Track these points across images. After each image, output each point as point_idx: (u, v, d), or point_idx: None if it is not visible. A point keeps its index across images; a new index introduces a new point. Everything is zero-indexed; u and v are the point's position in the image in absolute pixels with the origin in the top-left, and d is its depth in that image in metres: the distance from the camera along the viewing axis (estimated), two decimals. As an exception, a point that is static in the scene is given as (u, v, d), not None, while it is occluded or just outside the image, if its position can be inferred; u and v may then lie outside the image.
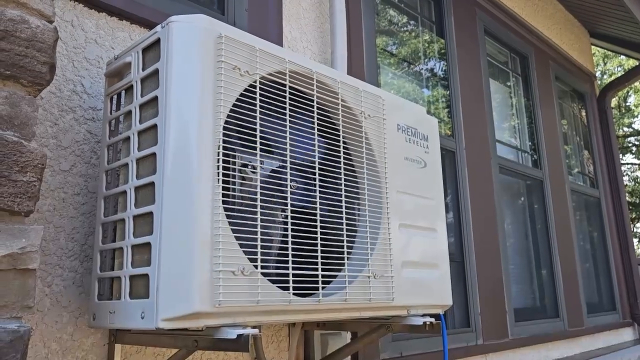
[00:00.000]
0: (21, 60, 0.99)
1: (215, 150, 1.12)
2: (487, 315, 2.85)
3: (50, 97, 1.39)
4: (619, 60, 14.10)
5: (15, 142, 0.96)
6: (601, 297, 4.39)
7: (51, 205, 1.34)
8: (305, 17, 2.24)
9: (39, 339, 1.27)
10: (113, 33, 1.56)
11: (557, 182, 3.94)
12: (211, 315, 1.06)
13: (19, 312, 0.94)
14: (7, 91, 0.97)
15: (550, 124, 4.06)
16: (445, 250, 1.67)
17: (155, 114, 1.16)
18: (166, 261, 1.05)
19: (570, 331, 3.59)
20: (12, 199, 0.94)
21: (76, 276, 1.36)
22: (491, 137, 3.29)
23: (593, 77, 5.03)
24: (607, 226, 4.57)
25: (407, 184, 1.57)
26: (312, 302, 1.24)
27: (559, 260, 3.68)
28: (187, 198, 1.07)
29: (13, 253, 0.93)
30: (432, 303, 1.58)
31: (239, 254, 1.11)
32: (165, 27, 1.17)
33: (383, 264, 1.43)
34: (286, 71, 1.30)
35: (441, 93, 3.15)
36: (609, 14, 4.70)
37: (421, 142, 1.66)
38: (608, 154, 4.85)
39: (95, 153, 1.46)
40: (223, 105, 1.14)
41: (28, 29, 1.00)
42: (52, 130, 1.38)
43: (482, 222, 3.00)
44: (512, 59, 4.00)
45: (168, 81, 1.13)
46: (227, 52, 1.17)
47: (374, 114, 1.52)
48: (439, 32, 3.21)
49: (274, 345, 1.80)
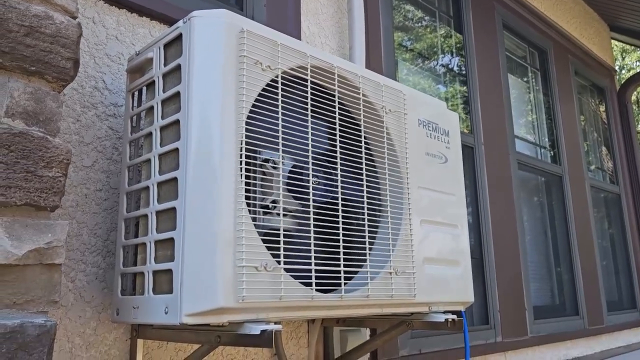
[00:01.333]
0: (46, 56, 0.99)
1: (237, 145, 1.11)
2: (506, 313, 2.83)
3: (72, 93, 1.39)
4: (637, 55, 13.86)
5: (41, 137, 0.96)
6: (621, 295, 4.32)
7: (74, 201, 1.35)
8: (324, 12, 2.23)
9: (63, 333, 1.28)
10: (133, 29, 1.56)
11: (576, 178, 3.88)
12: (234, 311, 1.06)
13: (45, 306, 0.94)
14: (33, 87, 0.98)
15: (570, 120, 4.00)
16: (467, 247, 1.65)
17: (177, 110, 1.16)
18: (189, 257, 1.05)
19: (590, 329, 3.54)
20: (38, 194, 0.94)
21: (99, 271, 1.37)
22: (510, 132, 3.25)
23: (613, 71, 4.94)
24: (628, 223, 4.50)
25: (428, 180, 1.55)
26: (334, 298, 1.23)
27: (578, 257, 3.64)
28: (210, 194, 1.07)
29: (39, 248, 0.93)
30: (454, 300, 1.56)
31: (261, 250, 1.10)
32: (187, 23, 1.16)
33: (405, 260, 1.42)
34: (307, 66, 1.29)
35: (459, 89, 3.12)
36: (629, 7, 4.61)
37: (442, 137, 1.65)
38: (628, 150, 4.77)
39: (117, 149, 1.46)
40: (245, 100, 1.14)
41: (52, 24, 1.01)
42: (74, 127, 1.38)
43: (500, 218, 2.97)
44: (531, 54, 3.95)
45: (190, 76, 1.13)
46: (249, 47, 1.17)
47: (395, 109, 1.50)
48: (457, 27, 3.17)
49: (294, 341, 1.80)
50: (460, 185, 1.68)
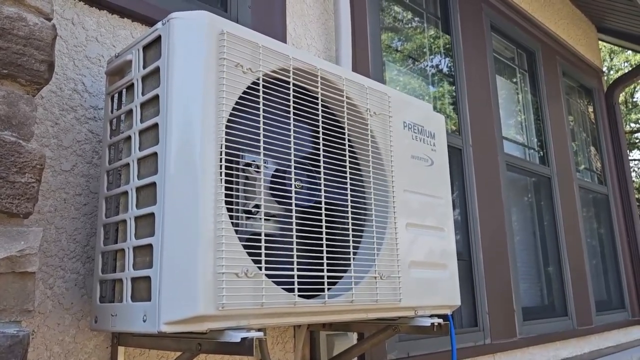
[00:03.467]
0: (19, 59, 0.96)
1: (217, 149, 1.09)
2: (495, 314, 2.82)
3: (51, 96, 1.37)
4: (625, 56, 13.97)
5: (13, 142, 0.93)
6: (610, 295, 4.34)
7: (52, 206, 1.32)
8: (310, 13, 2.22)
9: (41, 341, 1.25)
10: (114, 31, 1.54)
11: (565, 179, 3.89)
12: (214, 318, 1.04)
13: (18, 316, 0.92)
14: (5, 90, 0.95)
15: (558, 120, 4.01)
16: (453, 250, 1.64)
17: (156, 113, 1.13)
18: (168, 263, 1.03)
19: (579, 330, 3.55)
20: (10, 200, 0.92)
21: (78, 278, 1.34)
22: (498, 134, 3.25)
23: (601, 72, 4.97)
24: (616, 223, 4.52)
25: (413, 183, 1.54)
26: (317, 303, 1.21)
27: (567, 258, 3.64)
28: (189, 199, 1.05)
29: (11, 256, 0.91)
30: (440, 303, 1.55)
31: (242, 256, 1.08)
32: (166, 24, 1.14)
33: (390, 264, 1.41)
34: (290, 68, 1.27)
35: (447, 89, 3.11)
36: (616, 9, 4.64)
37: (428, 140, 1.63)
38: (616, 151, 4.79)
39: (97, 153, 1.43)
40: (225, 103, 1.12)
41: (25, 26, 0.98)
42: (53, 130, 1.36)
43: (489, 220, 2.96)
44: (519, 55, 3.96)
45: (169, 79, 1.11)
46: (229, 49, 1.15)
47: (380, 112, 1.49)
48: (444, 28, 3.17)
49: (280, 346, 1.78)
50: (446, 187, 1.66)
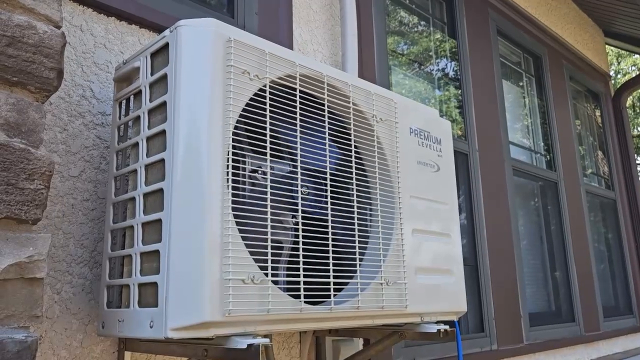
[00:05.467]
0: (28, 67, 0.97)
1: (224, 156, 1.10)
2: (502, 320, 2.81)
3: (59, 102, 1.38)
4: (632, 60, 13.90)
5: (23, 149, 0.94)
6: (618, 300, 4.31)
7: (60, 212, 1.33)
8: (316, 19, 2.22)
9: (48, 346, 1.26)
10: (122, 37, 1.55)
11: (572, 184, 3.87)
12: (221, 325, 1.04)
13: (26, 321, 0.93)
14: (15, 98, 0.96)
15: (565, 125, 4.00)
16: (460, 256, 1.64)
17: (164, 120, 1.14)
18: (175, 269, 1.03)
19: (587, 336, 3.53)
20: (19, 207, 0.92)
21: (86, 283, 1.35)
22: (504, 138, 3.24)
23: (608, 76, 4.95)
24: (623, 228, 4.49)
25: (420, 189, 1.54)
26: (323, 310, 1.22)
27: (574, 264, 3.62)
28: (196, 205, 1.05)
29: (20, 262, 0.91)
30: (446, 310, 1.55)
31: (249, 262, 1.09)
32: (174, 32, 1.15)
33: (396, 270, 1.41)
34: (296, 75, 1.28)
35: (453, 93, 3.11)
36: (623, 13, 4.62)
37: (434, 146, 1.63)
38: (624, 155, 4.77)
39: (105, 159, 1.44)
40: (232, 110, 1.12)
41: (35, 34, 0.99)
42: (61, 136, 1.37)
43: (495, 225, 2.95)
44: (525, 60, 3.95)
45: (177, 86, 1.11)
46: (236, 56, 1.15)
47: (386, 118, 1.49)
48: (450, 33, 3.17)
49: (285, 351, 1.78)
50: (452, 193, 1.66)
